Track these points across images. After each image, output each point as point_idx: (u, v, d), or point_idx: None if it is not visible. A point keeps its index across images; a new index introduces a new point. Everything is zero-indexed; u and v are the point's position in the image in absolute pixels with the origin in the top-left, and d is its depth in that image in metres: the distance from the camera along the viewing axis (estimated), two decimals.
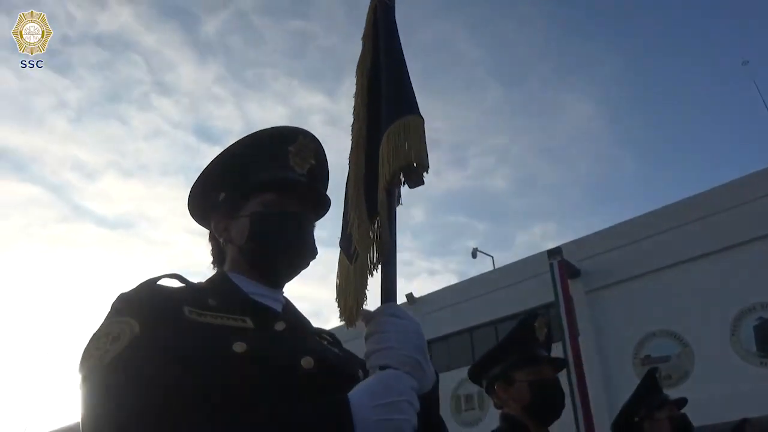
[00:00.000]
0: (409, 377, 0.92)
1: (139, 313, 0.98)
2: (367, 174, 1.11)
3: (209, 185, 1.28)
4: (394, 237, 1.07)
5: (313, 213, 1.25)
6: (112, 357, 0.92)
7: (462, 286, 16.31)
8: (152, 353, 0.92)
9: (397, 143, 1.04)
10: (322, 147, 1.33)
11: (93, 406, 0.89)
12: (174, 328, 0.97)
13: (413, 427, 0.88)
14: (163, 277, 1.11)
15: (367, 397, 0.88)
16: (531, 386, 1.98)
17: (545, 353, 2.09)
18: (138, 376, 0.89)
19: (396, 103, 1.12)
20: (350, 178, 1.11)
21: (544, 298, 13.68)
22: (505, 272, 15.96)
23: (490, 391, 2.10)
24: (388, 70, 1.18)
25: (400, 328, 0.95)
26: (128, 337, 0.94)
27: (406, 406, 0.88)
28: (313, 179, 1.27)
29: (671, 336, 12.19)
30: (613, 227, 14.13)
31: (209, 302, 1.07)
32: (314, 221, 1.26)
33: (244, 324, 1.05)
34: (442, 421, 1.09)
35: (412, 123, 1.08)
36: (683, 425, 2.67)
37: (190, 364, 0.92)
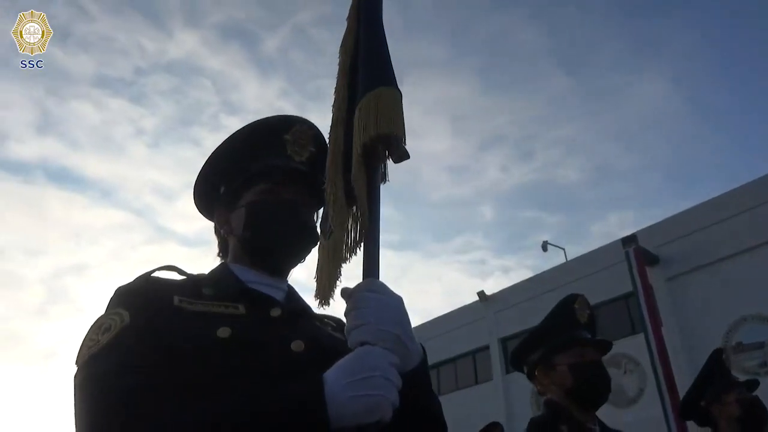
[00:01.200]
0: (387, 352, 0.88)
1: (130, 304, 1.01)
2: (346, 151, 1.09)
3: (210, 179, 1.30)
4: (377, 213, 1.04)
5: (315, 200, 1.24)
6: (101, 347, 0.95)
7: (534, 281, 15.92)
8: (139, 341, 0.95)
9: (367, 115, 1.02)
10: (323, 134, 1.32)
11: (81, 394, 0.91)
12: (162, 316, 0.99)
13: (392, 403, 0.85)
14: (160, 269, 1.13)
15: (342, 374, 0.85)
16: (572, 369, 1.88)
17: (587, 335, 1.98)
18: (122, 363, 0.91)
19: (369, 77, 1.09)
20: (328, 155, 1.09)
21: (621, 288, 13.16)
22: (578, 264, 15.46)
23: (531, 377, 2.02)
24: (365, 45, 1.16)
25: (378, 304, 0.92)
26: (118, 328, 0.97)
27: (381, 382, 0.84)
28: (312, 166, 1.26)
29: (765, 320, 11.38)
30: (692, 209, 13.41)
31: (203, 291, 1.09)
32: (316, 208, 1.24)
33: (236, 311, 1.06)
34: (434, 400, 1.04)
35: (384, 94, 1.05)
36: (756, 408, 2.44)
37: (175, 350, 0.93)
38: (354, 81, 1.17)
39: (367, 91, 1.06)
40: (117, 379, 0.88)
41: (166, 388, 0.87)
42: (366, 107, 1.03)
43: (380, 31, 1.19)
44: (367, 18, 1.20)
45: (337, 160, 1.06)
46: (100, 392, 0.88)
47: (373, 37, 1.17)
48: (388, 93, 1.05)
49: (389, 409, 0.84)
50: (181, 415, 0.83)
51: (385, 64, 1.13)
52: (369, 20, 1.20)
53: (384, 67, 1.12)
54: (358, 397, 0.83)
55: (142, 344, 0.94)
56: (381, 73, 1.10)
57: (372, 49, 1.15)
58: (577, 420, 1.82)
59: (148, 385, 0.87)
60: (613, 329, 14.17)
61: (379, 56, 1.14)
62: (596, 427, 1.84)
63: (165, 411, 0.84)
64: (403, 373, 0.91)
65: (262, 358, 0.97)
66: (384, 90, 1.05)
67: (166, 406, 0.84)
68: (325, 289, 0.97)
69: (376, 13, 1.22)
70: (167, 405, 0.84)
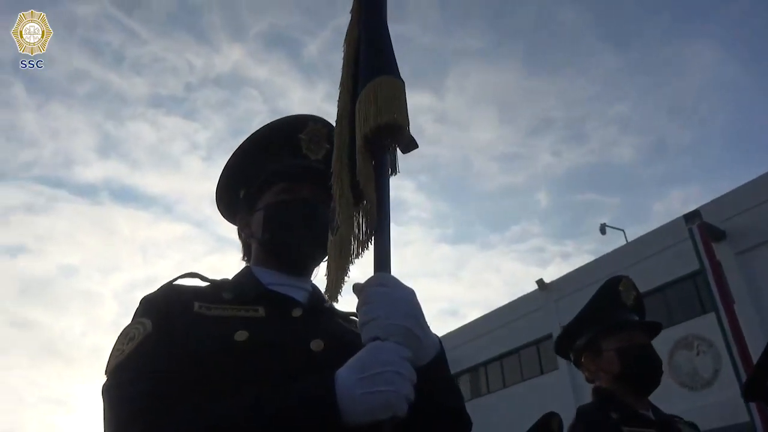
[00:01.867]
0: (399, 347, 0.86)
1: (153, 312, 1.03)
2: (351, 144, 1.07)
3: (229, 184, 1.32)
4: (386, 206, 1.02)
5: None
6: (125, 356, 0.97)
7: (593, 266, 15.48)
8: (160, 349, 0.97)
9: (367, 106, 1.00)
10: (329, 122, 1.31)
11: (106, 403, 0.94)
12: (182, 323, 1.01)
13: (406, 397, 0.83)
14: (182, 276, 1.15)
15: (353, 370, 0.84)
16: (620, 354, 1.80)
17: (634, 317, 1.90)
18: (144, 371, 0.93)
19: (369, 67, 1.08)
20: (334, 150, 1.08)
21: (687, 267, 12.62)
22: (639, 245, 14.92)
23: (578, 364, 1.95)
24: (366, 35, 1.14)
25: (388, 298, 0.90)
26: (141, 336, 1.00)
27: (393, 377, 0.83)
28: (329, 164, 1.25)
29: None
30: (758, 179, 12.70)
31: (224, 296, 1.10)
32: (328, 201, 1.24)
33: (256, 313, 1.06)
34: (453, 394, 1.01)
35: (383, 82, 1.03)
36: None
37: (194, 356, 0.95)
38: (357, 73, 1.16)
39: (368, 81, 1.04)
40: (137, 386, 0.90)
41: (184, 394, 0.89)
42: (366, 98, 1.02)
43: (381, 21, 1.17)
44: (367, 9, 1.19)
45: (343, 155, 1.05)
46: (121, 400, 0.90)
47: (373, 27, 1.16)
48: (388, 81, 1.03)
49: (403, 404, 0.83)
50: (196, 419, 0.84)
51: (384, 54, 1.11)
52: (369, 11, 1.19)
53: (383, 57, 1.10)
54: (370, 393, 0.82)
55: (163, 351, 0.96)
56: (380, 63, 1.08)
57: (372, 39, 1.13)
58: (628, 406, 1.75)
59: (166, 391, 0.89)
60: (682, 310, 13.62)
61: (379, 46, 1.12)
62: (649, 413, 1.76)
63: (181, 416, 0.85)
64: (419, 367, 0.89)
65: (281, 359, 0.97)
66: (383, 79, 1.03)
67: (183, 411, 0.86)
68: (333, 285, 0.95)
69: (378, 4, 1.20)
70: (184, 410, 0.86)
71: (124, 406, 0.89)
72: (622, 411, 1.72)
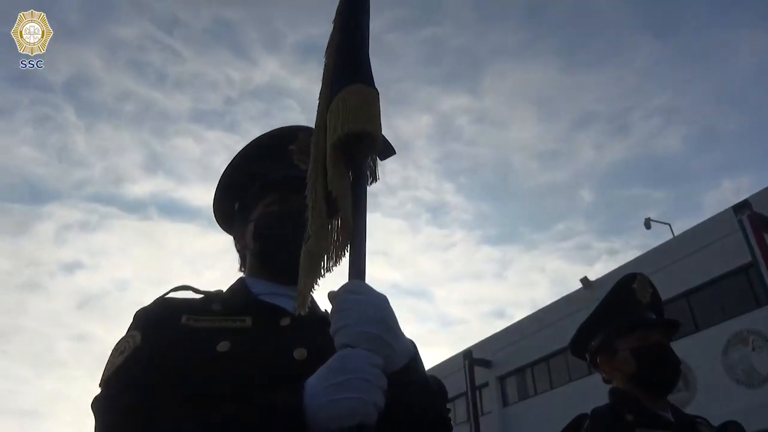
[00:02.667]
0: (368, 354, 0.87)
1: (143, 325, 1.07)
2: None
3: (224, 197, 1.36)
4: (362, 215, 1.03)
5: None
6: (114, 369, 1.01)
7: (639, 262, 15.04)
8: (147, 362, 0.99)
9: (337, 115, 1.01)
10: None
11: (95, 414, 0.97)
12: (169, 335, 1.03)
13: (374, 404, 0.83)
14: (175, 289, 1.19)
15: (321, 378, 0.85)
16: (635, 354, 1.75)
17: (651, 316, 1.84)
18: (129, 384, 0.96)
19: (341, 77, 1.09)
20: (311, 161, 1.10)
21: (738, 259, 12.16)
22: (687, 238, 14.44)
23: (594, 365, 1.91)
24: (341, 44, 1.16)
25: (359, 305, 0.90)
26: (130, 350, 1.03)
27: (359, 384, 0.83)
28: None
29: None
30: None
31: (213, 307, 1.12)
32: None
33: (242, 324, 1.08)
34: (428, 399, 1.00)
35: (353, 92, 1.03)
36: None
37: (178, 368, 0.97)
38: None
39: (339, 91, 1.05)
40: (124, 399, 0.93)
41: (165, 406, 0.91)
42: (335, 108, 1.03)
43: (358, 28, 1.18)
44: (346, 14, 1.20)
45: (318, 166, 1.07)
46: (107, 412, 0.93)
47: (350, 34, 1.17)
48: (357, 90, 1.04)
49: (370, 411, 0.83)
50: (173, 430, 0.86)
51: (357, 62, 1.11)
52: (347, 17, 1.20)
53: (356, 65, 1.11)
54: (336, 400, 0.82)
55: (150, 364, 0.98)
56: (352, 71, 1.09)
57: (346, 47, 1.14)
58: (644, 407, 1.70)
59: (151, 403, 0.91)
60: (735, 304, 13.10)
61: (353, 54, 1.13)
62: (668, 414, 1.70)
63: (159, 427, 0.87)
64: (392, 372, 0.90)
65: (262, 368, 0.99)
66: (353, 87, 1.04)
67: (161, 423, 0.88)
68: (301, 296, 0.96)
69: (357, 10, 1.21)
70: (162, 422, 0.88)
71: (108, 417, 0.92)
72: (638, 412, 1.67)
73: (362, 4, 1.23)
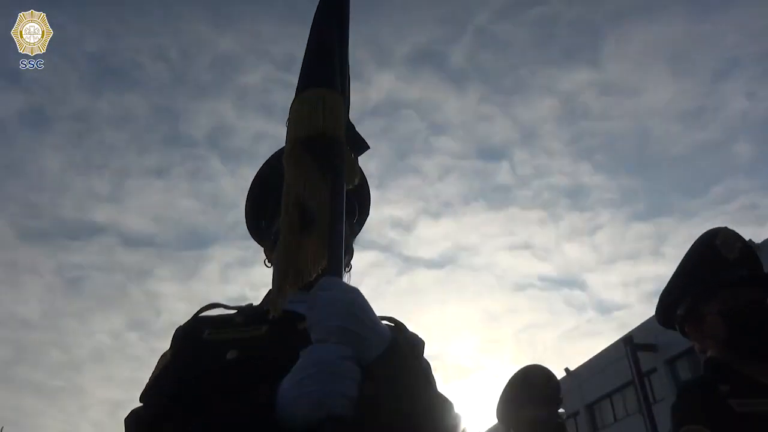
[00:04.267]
0: (336, 346, 0.88)
1: (174, 343, 1.17)
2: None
3: (251, 214, 1.45)
4: (340, 212, 1.05)
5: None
6: (149, 382, 1.12)
7: None
8: (172, 375, 1.09)
9: (291, 122, 1.05)
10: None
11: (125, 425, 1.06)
12: (191, 350, 1.13)
13: (342, 395, 0.85)
14: (205, 308, 1.28)
15: (291, 375, 0.89)
16: (723, 316, 1.55)
17: (741, 272, 1.62)
18: (156, 395, 1.07)
19: (301, 79, 1.13)
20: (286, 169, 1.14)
21: None
22: None
23: (684, 334, 1.72)
24: (310, 42, 1.20)
25: (328, 300, 0.92)
26: (162, 366, 1.14)
27: (324, 376, 0.85)
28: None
29: None
30: None
31: (235, 320, 1.20)
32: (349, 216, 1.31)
33: (258, 332, 1.15)
34: (407, 387, 0.98)
35: (304, 98, 1.07)
36: None
37: (193, 379, 1.05)
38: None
39: (296, 95, 1.10)
40: (149, 410, 1.03)
41: (178, 416, 0.97)
42: (291, 114, 1.07)
43: (319, 34, 1.21)
44: (314, 22, 1.24)
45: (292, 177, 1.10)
46: (133, 421, 1.03)
47: (310, 41, 1.21)
48: (309, 95, 1.08)
49: (338, 402, 0.84)
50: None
51: (314, 66, 1.15)
52: (322, 16, 1.24)
53: (312, 70, 1.15)
54: (303, 394, 0.85)
55: (175, 378, 1.07)
56: (308, 75, 1.13)
57: (306, 54, 1.18)
58: (742, 375, 1.50)
59: (164, 414, 0.99)
60: None
61: (311, 59, 1.17)
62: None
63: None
64: (367, 363, 0.91)
65: (266, 372, 1.03)
66: (308, 93, 1.08)
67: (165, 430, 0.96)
68: (273, 301, 1.01)
69: (324, 17, 1.24)
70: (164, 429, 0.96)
71: (133, 426, 1.02)
72: (734, 381, 1.48)
73: (333, 9, 1.26)
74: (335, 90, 1.10)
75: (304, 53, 1.22)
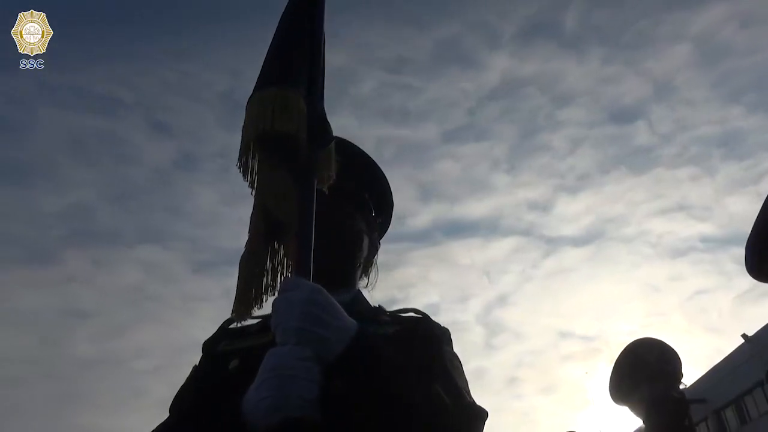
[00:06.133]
0: (294, 348, 0.87)
1: (202, 353, 1.21)
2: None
3: None
4: (310, 210, 1.03)
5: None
6: (174, 398, 1.16)
7: None
8: (191, 386, 1.14)
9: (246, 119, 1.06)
10: (349, 143, 1.36)
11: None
12: (207, 362, 1.17)
13: (298, 397, 0.83)
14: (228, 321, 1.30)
15: (255, 382, 0.88)
16: None
17: None
18: (177, 405, 1.12)
19: (258, 79, 1.12)
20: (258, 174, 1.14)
21: None
22: None
23: None
24: (274, 39, 1.19)
25: (284, 302, 0.91)
26: (188, 377, 1.18)
27: (278, 381, 0.84)
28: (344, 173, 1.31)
29: None
30: None
31: (250, 329, 1.22)
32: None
33: (263, 340, 1.14)
34: (383, 379, 0.92)
35: (253, 98, 1.08)
36: None
37: (203, 389, 1.10)
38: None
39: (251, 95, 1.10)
40: (170, 419, 1.08)
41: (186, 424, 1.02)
42: (247, 112, 1.08)
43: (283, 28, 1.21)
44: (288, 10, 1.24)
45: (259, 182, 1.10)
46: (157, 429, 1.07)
47: (282, 30, 1.20)
48: (257, 96, 1.07)
49: (294, 404, 0.83)
50: None
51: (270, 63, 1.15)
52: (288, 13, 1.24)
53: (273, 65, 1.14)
54: (260, 400, 0.84)
55: (193, 388, 1.13)
56: (262, 75, 1.13)
57: (272, 45, 1.18)
58: None
59: (175, 422, 1.05)
60: None
61: (270, 55, 1.16)
62: None
63: None
64: (332, 361, 0.88)
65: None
66: (257, 94, 1.08)
67: None
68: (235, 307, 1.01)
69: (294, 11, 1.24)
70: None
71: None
72: None
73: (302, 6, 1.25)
74: (290, 87, 1.09)
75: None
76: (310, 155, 1.07)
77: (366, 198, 1.36)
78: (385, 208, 1.45)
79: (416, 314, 1.24)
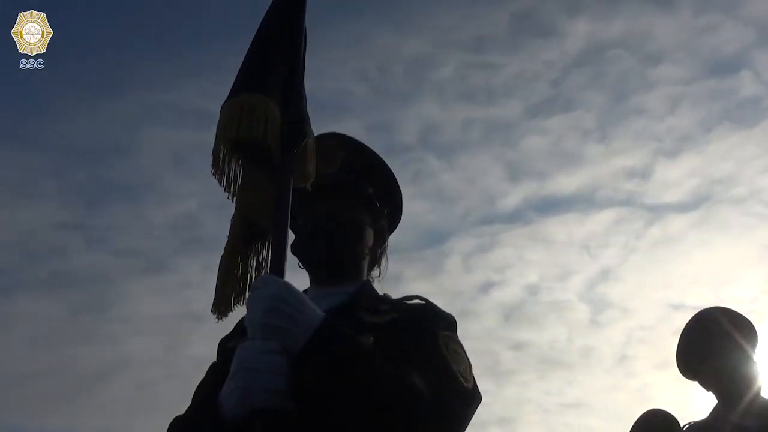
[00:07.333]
0: (261, 342, 0.90)
1: (217, 352, 1.28)
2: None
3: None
4: (285, 210, 1.06)
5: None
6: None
7: None
8: (206, 382, 1.21)
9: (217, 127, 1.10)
10: (349, 138, 1.38)
11: None
12: (219, 360, 1.23)
13: (263, 389, 0.86)
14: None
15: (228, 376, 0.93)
16: None
17: None
18: (193, 401, 1.18)
19: (233, 86, 1.15)
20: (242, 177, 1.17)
21: None
22: None
23: None
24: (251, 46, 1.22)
25: (255, 299, 0.95)
26: (206, 373, 1.25)
27: (244, 373, 0.88)
28: (348, 169, 1.34)
29: None
30: None
31: None
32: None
33: None
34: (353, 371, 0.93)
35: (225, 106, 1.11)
36: None
37: (210, 385, 1.15)
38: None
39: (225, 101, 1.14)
40: (184, 414, 1.13)
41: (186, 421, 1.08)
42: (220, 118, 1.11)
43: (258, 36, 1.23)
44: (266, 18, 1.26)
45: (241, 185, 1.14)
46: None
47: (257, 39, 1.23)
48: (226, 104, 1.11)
49: (260, 397, 0.86)
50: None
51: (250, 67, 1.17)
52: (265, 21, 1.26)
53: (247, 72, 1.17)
54: (229, 393, 0.89)
55: (206, 384, 1.19)
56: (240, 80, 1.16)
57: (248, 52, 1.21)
58: None
59: (185, 416, 1.11)
60: None
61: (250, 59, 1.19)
62: None
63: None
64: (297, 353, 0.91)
65: None
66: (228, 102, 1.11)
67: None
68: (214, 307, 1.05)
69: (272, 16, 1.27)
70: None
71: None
72: None
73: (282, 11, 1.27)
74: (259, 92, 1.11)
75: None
76: (283, 156, 1.10)
77: (367, 189, 1.36)
78: (391, 197, 1.44)
79: (421, 301, 1.23)
